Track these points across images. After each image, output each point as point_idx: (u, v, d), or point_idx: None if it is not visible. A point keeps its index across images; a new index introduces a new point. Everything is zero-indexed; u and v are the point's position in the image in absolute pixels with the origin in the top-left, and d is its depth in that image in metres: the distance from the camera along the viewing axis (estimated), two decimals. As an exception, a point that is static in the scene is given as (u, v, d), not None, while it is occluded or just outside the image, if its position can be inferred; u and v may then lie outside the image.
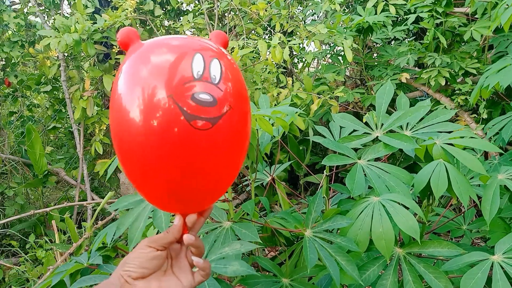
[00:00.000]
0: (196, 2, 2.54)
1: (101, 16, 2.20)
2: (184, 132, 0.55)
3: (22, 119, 2.87)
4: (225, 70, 0.59)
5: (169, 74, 0.56)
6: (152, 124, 0.55)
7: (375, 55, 2.77)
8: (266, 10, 2.20)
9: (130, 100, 0.57)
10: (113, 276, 0.62)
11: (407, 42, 2.47)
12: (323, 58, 2.85)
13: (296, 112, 1.21)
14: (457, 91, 2.21)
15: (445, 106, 2.22)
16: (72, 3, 2.50)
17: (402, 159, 2.38)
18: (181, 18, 2.42)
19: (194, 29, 2.47)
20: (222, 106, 0.57)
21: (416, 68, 2.61)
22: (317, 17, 3.02)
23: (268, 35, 2.74)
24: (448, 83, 2.27)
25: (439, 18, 2.14)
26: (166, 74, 0.56)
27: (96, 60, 2.50)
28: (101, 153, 2.44)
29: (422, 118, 1.22)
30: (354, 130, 1.27)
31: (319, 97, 2.16)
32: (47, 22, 2.53)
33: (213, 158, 0.59)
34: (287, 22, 2.30)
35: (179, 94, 0.55)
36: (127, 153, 0.59)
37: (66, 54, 2.46)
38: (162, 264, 0.64)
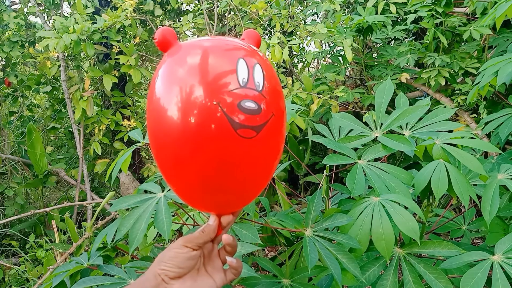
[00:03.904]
0: (196, 2, 2.53)
1: (101, 16, 2.20)
2: (230, 140, 0.55)
3: (22, 119, 2.87)
4: (265, 74, 0.59)
5: (215, 81, 0.55)
6: (195, 129, 0.55)
7: (375, 55, 2.77)
8: (265, 10, 2.19)
9: (169, 102, 0.56)
10: (149, 273, 0.63)
11: (407, 42, 2.47)
12: (323, 58, 2.84)
13: (295, 109, 1.20)
14: (457, 91, 2.20)
15: (445, 106, 2.21)
16: (72, 3, 2.50)
17: (402, 159, 2.38)
18: (181, 18, 2.42)
19: (194, 29, 2.47)
20: (265, 113, 0.57)
21: (416, 68, 2.61)
22: (317, 17, 3.02)
23: (268, 35, 2.73)
24: (448, 83, 2.27)
25: (439, 18, 2.14)
26: (212, 80, 0.55)
27: (96, 60, 2.50)
28: (100, 153, 2.44)
29: (421, 117, 1.22)
30: (353, 130, 1.27)
31: (319, 97, 2.16)
32: (47, 22, 2.53)
33: (253, 163, 0.59)
34: (287, 22, 2.30)
35: (226, 102, 0.55)
36: (168, 158, 0.59)
37: (66, 54, 2.46)
38: (196, 264, 0.65)
